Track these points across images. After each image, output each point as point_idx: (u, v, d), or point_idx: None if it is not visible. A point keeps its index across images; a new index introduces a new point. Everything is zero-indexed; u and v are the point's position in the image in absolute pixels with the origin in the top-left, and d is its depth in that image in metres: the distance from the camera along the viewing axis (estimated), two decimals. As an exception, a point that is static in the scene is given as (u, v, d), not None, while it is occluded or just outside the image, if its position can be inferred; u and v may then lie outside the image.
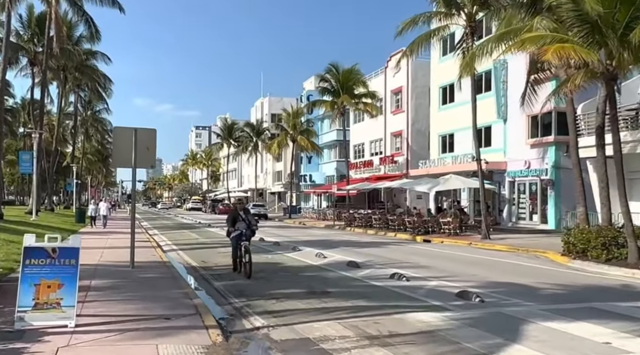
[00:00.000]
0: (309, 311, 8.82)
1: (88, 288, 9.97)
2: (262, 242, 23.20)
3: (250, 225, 13.18)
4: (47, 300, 7.09)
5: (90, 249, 17.32)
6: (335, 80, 42.17)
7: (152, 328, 7.24)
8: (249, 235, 13.11)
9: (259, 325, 7.97)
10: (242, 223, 13.08)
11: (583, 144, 20.42)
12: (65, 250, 7.36)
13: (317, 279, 12.43)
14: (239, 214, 13.23)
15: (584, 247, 14.97)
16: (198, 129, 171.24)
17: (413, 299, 9.92)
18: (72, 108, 58.14)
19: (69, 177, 59.47)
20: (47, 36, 36.56)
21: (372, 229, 32.20)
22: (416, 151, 41.23)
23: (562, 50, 13.01)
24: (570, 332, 7.38)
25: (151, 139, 13.29)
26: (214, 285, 11.80)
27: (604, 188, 15.35)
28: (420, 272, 13.48)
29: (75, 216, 36.27)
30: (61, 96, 49.36)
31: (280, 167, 72.49)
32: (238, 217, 13.15)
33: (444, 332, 7.39)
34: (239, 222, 13.08)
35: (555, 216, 27.43)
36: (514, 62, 29.36)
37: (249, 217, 13.39)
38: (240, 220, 13.11)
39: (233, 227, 12.98)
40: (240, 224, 13.06)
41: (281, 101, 74.01)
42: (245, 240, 12.82)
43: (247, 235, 12.98)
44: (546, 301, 9.72)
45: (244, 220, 13.12)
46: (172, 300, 9.12)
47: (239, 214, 13.24)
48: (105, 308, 8.42)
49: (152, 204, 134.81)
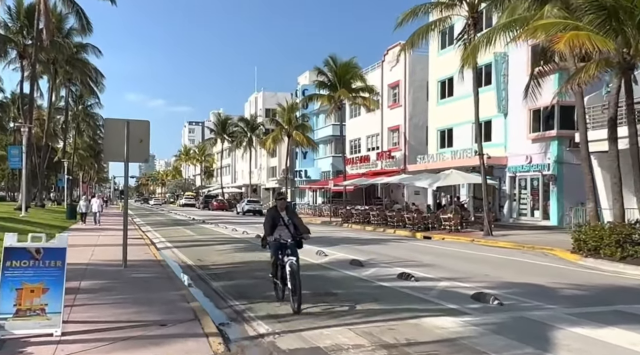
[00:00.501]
0: (315, 315, 8.18)
1: (77, 290, 9.30)
2: (259, 239, 22.57)
3: (298, 233, 9.03)
4: (30, 306, 6.43)
5: (81, 246, 16.66)
6: (332, 73, 41.43)
7: (146, 336, 6.58)
8: (295, 248, 8.87)
9: (263, 331, 7.32)
10: (283, 229, 9.00)
11: (589, 138, 19.85)
12: (51, 251, 6.68)
13: (321, 279, 11.78)
14: (280, 216, 9.07)
15: (596, 244, 14.38)
16: (191, 124, 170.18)
17: (426, 301, 9.29)
18: (63, 102, 57.12)
19: (61, 173, 58.50)
20: (37, 28, 35.64)
21: (371, 226, 31.61)
22: (414, 146, 40.63)
23: (577, 38, 12.39)
24: (604, 340, 6.78)
25: (144, 131, 12.59)
26: (211, 285, 11.14)
27: (617, 183, 14.79)
28: (428, 271, 12.86)
29: (67, 212, 35.44)
30: (51, 90, 48.33)
31: (274, 162, 71.77)
32: (278, 220, 9.03)
33: (466, 339, 6.76)
34: (280, 228, 9.00)
35: (558, 212, 26.92)
36: (514, 55, 28.84)
37: (295, 220, 9.18)
38: (281, 224, 9.02)
39: (271, 234, 8.95)
40: (281, 230, 8.99)
41: (275, 96, 73.30)
42: (291, 256, 8.61)
43: (292, 248, 8.78)
44: (567, 303, 9.11)
45: (287, 225, 9.01)
46: (167, 304, 8.46)
47: (280, 215, 9.08)
48: (96, 313, 7.75)
49: (144, 199, 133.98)
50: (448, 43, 34.37)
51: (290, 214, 9.22)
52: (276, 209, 9.20)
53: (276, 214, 9.09)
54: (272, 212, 9.24)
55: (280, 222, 9.02)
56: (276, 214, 9.08)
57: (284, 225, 9.02)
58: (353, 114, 49.95)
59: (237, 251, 17.98)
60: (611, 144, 15.08)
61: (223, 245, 20.09)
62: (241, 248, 19.00)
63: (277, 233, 8.91)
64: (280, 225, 9.01)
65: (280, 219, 9.03)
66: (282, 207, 9.17)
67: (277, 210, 9.13)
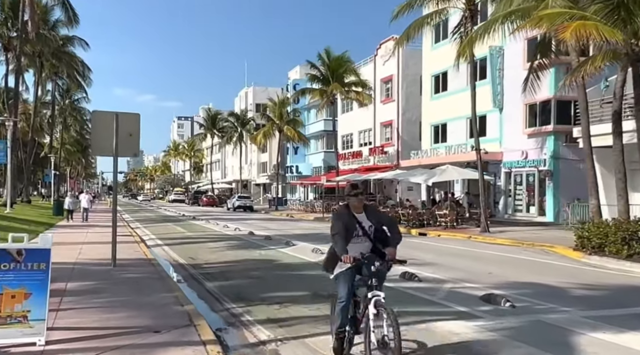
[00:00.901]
0: (319, 319, 7.67)
1: (63, 292, 8.74)
2: (252, 236, 22.06)
3: (385, 243, 5.66)
4: (11, 313, 5.87)
5: (68, 244, 16.06)
6: (325, 67, 40.83)
7: (138, 345, 6.05)
8: (384, 274, 5.61)
9: (265, 338, 6.81)
10: (363, 242, 5.67)
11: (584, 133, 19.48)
12: (34, 252, 6.11)
13: (320, 279, 11.21)
14: (356, 221, 5.67)
15: (600, 242, 13.99)
16: (180, 119, 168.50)
17: (433, 303, 8.83)
18: (50, 96, 56.04)
19: (47, 168, 57.49)
20: (21, 20, 34.76)
21: (364, 222, 31.11)
22: (407, 141, 40.20)
23: (584, 28, 11.95)
24: (633, 347, 6.33)
25: (134, 124, 12.02)
26: (206, 286, 10.61)
27: (621, 179, 14.41)
28: (430, 270, 12.39)
29: (53, 208, 34.70)
30: (37, 84, 47.35)
31: (265, 158, 71.11)
32: (354, 228, 5.65)
33: (483, 347, 6.29)
34: (356, 241, 5.63)
35: (554, 208, 26.61)
36: (510, 49, 28.46)
37: (380, 218, 5.88)
38: (358, 235, 5.66)
39: (344, 247, 5.48)
40: (359, 244, 5.63)
41: (266, 91, 72.56)
42: (377, 286, 5.37)
43: (379, 275, 5.45)
44: (582, 305, 8.68)
45: (366, 233, 5.68)
46: (160, 307, 7.93)
47: (356, 219, 5.68)
48: (83, 318, 7.21)
49: (133, 195, 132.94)
50: (442, 37, 33.95)
51: (372, 215, 5.72)
52: (348, 210, 5.67)
53: (350, 218, 5.61)
54: (343, 216, 5.64)
55: (357, 232, 5.59)
56: (350, 219, 5.60)
57: (363, 235, 5.62)
58: (345, 109, 49.42)
59: (230, 249, 17.44)
60: (616, 138, 14.68)
61: (215, 242, 19.53)
62: (234, 245, 18.47)
63: (352, 250, 5.45)
64: (357, 236, 5.60)
65: (356, 227, 5.59)
66: (358, 207, 5.64)
67: (351, 213, 5.64)
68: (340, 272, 5.57)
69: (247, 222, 32.62)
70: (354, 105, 44.92)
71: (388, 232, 5.71)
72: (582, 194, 23.84)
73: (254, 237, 21.39)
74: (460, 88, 31.96)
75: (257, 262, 14.13)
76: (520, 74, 25.26)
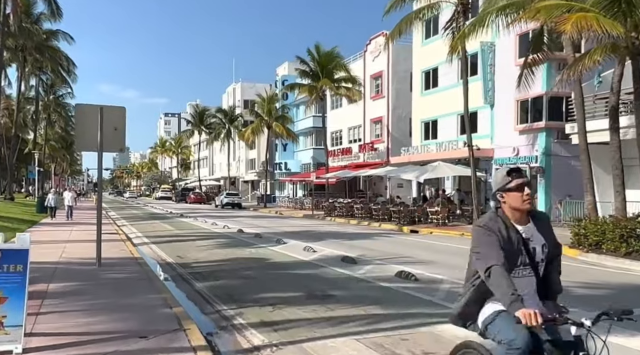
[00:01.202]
0: (315, 322, 7.29)
1: (44, 294, 8.27)
2: (241, 233, 21.63)
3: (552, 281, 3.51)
4: (-14, 319, 5.43)
5: (51, 243, 15.55)
6: (315, 63, 40.35)
7: (122, 352, 5.62)
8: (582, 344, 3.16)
9: (259, 343, 6.40)
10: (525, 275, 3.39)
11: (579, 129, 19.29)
12: (10, 254, 5.66)
13: (314, 278, 10.91)
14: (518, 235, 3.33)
15: (597, 239, 13.76)
16: (167, 116, 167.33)
17: (434, 304, 8.48)
18: (34, 92, 55.02)
19: (31, 165, 56.49)
20: (3, 13, 33.86)
21: (355, 219, 30.83)
22: (397, 138, 39.92)
23: (584, 20, 11.67)
24: (633, 347, 6.03)
25: (120, 118, 11.54)
26: (195, 286, 10.16)
27: (619, 175, 14.18)
28: (426, 268, 12.07)
29: (37, 206, 33.96)
30: (21, 78, 46.43)
31: (253, 154, 70.54)
32: (516, 245, 3.30)
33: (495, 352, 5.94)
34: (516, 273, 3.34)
35: (546, 205, 26.41)
36: (501, 45, 28.25)
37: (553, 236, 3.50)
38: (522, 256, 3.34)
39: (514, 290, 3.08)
40: (518, 277, 3.32)
41: (254, 87, 71.92)
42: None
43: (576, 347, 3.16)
44: (586, 305, 8.32)
45: (533, 259, 3.39)
46: (147, 310, 7.50)
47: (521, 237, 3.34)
48: (65, 322, 6.75)
49: (119, 192, 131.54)
50: (433, 33, 33.67)
51: (545, 229, 3.49)
52: (504, 223, 3.36)
53: (510, 234, 3.35)
54: (498, 230, 3.34)
55: (522, 259, 3.38)
56: (510, 236, 3.35)
57: (529, 265, 3.42)
58: (334, 106, 49.02)
59: (219, 247, 16.99)
60: (613, 134, 14.46)
61: (204, 240, 19.07)
62: (223, 244, 18.03)
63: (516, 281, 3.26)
64: (521, 267, 3.40)
65: (522, 249, 3.37)
66: (523, 212, 3.41)
67: (509, 224, 3.38)
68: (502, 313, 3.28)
69: (236, 219, 32.16)
70: (343, 102, 44.52)
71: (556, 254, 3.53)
72: (574, 191, 23.72)
73: (244, 235, 20.96)
74: (451, 84, 31.72)
75: (248, 260, 13.71)
76: (512, 70, 25.07)
